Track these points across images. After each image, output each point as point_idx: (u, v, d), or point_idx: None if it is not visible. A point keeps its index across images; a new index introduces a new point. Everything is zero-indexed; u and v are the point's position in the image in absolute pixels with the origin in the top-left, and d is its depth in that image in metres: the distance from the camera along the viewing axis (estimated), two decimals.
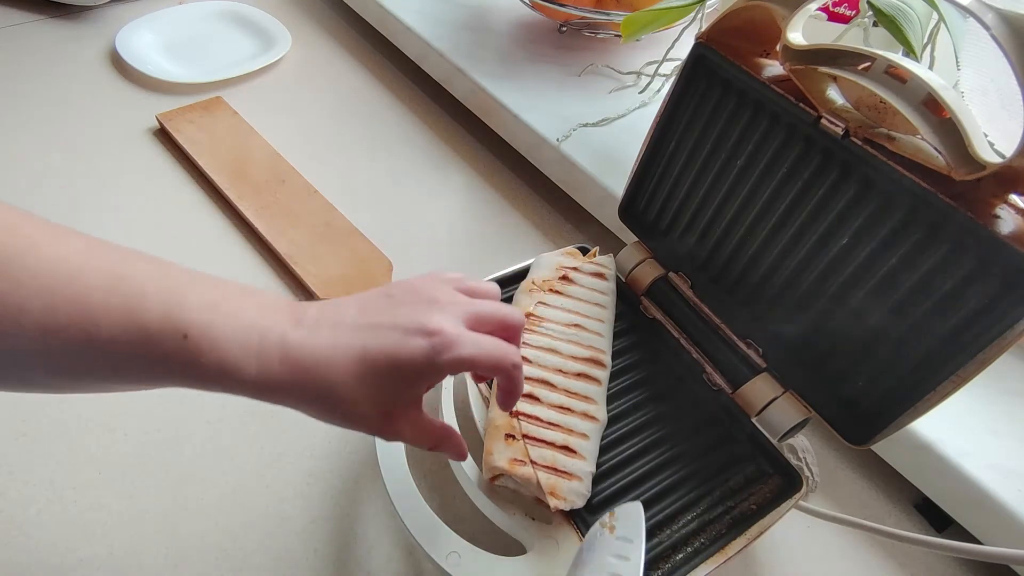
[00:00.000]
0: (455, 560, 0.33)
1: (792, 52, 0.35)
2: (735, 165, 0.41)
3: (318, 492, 0.42)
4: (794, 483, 0.38)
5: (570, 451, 0.36)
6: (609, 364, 0.42)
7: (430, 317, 0.27)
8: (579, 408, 0.38)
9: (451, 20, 0.75)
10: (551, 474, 0.35)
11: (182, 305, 0.24)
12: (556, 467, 0.35)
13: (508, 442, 0.36)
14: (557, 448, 0.36)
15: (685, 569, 0.34)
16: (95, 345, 0.23)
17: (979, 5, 0.29)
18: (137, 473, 0.42)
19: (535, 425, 0.37)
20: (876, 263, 0.34)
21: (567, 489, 0.35)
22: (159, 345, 0.24)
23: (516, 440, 0.36)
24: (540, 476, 0.34)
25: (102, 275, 0.24)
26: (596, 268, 0.47)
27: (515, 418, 0.37)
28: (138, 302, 0.24)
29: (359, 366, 0.26)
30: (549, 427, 0.37)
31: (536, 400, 0.38)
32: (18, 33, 0.78)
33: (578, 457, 0.36)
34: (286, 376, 0.25)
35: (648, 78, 0.66)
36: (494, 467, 0.35)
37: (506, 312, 0.29)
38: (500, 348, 0.27)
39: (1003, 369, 0.45)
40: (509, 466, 0.35)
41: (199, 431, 0.44)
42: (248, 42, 0.81)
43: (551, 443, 0.36)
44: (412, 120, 0.74)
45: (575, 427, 0.37)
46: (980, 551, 0.32)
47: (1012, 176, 0.29)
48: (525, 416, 0.37)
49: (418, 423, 0.29)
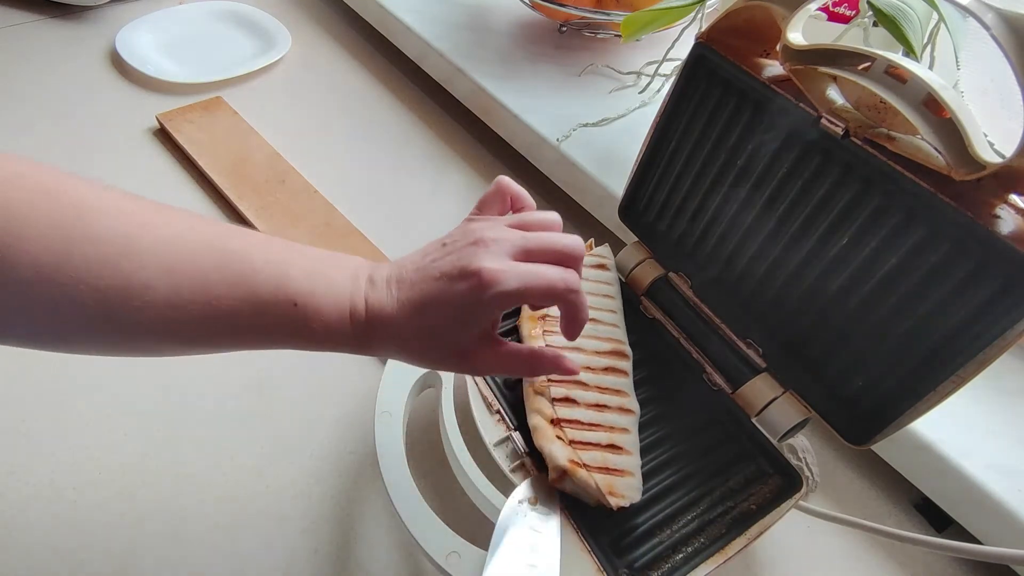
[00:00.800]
0: (455, 560, 0.33)
1: (792, 52, 0.35)
2: (735, 165, 0.41)
3: (318, 492, 0.42)
4: (794, 483, 0.38)
5: (616, 448, 0.37)
6: (630, 353, 0.42)
7: (471, 259, 0.28)
8: (614, 403, 0.39)
9: (451, 20, 0.75)
10: (605, 474, 0.35)
11: (288, 276, 0.27)
12: (608, 467, 0.35)
13: (559, 444, 0.36)
14: (603, 448, 0.36)
15: (685, 569, 0.34)
16: (217, 316, 0.26)
17: (979, 5, 0.29)
18: (137, 473, 0.42)
19: (578, 429, 0.37)
20: (876, 263, 0.34)
21: (624, 486, 0.35)
22: (273, 313, 0.27)
23: (566, 444, 0.36)
24: (596, 479, 0.34)
25: (214, 252, 0.26)
26: (596, 260, 0.47)
27: (557, 426, 0.37)
28: (252, 276, 0.26)
29: (418, 319, 0.28)
30: (591, 428, 0.37)
31: (573, 403, 0.38)
32: (18, 33, 0.78)
33: (624, 453, 0.37)
34: (371, 333, 0.28)
35: (648, 78, 0.66)
36: (558, 466, 0.35)
37: (560, 241, 0.29)
38: (550, 276, 0.28)
39: (1003, 369, 0.45)
40: (570, 466, 0.35)
41: (199, 431, 0.45)
42: (248, 42, 0.81)
43: (597, 444, 0.36)
44: (412, 120, 0.75)
45: (615, 423, 0.38)
46: (980, 551, 0.32)
47: (1012, 176, 0.29)
48: (567, 421, 0.37)
49: (500, 354, 0.30)
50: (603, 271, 0.47)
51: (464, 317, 0.28)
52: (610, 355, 0.41)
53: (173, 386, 0.47)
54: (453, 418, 0.39)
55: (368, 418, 0.38)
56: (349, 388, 0.48)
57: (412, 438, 0.38)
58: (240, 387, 0.47)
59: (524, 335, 0.42)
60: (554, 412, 0.37)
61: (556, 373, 0.31)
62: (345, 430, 0.46)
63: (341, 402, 0.47)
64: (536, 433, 0.37)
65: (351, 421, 0.46)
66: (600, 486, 0.34)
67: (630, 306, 0.47)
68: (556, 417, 0.37)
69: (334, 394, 0.48)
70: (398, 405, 0.39)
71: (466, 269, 0.27)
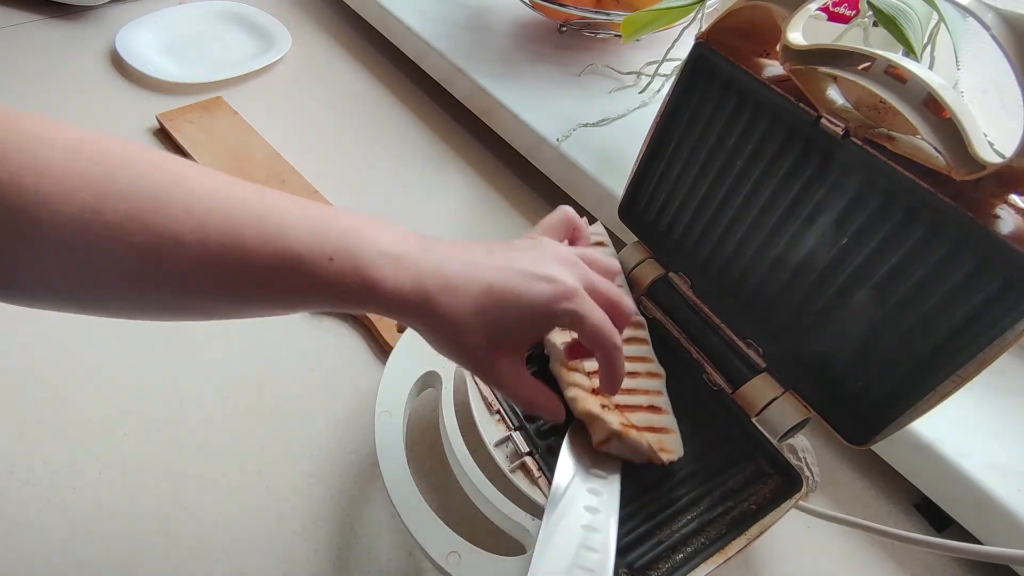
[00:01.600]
0: (455, 560, 0.33)
1: (792, 52, 0.35)
2: (735, 165, 0.41)
3: (318, 492, 0.42)
4: (794, 483, 0.38)
5: (655, 408, 0.39)
6: (645, 322, 0.44)
7: (554, 268, 0.29)
8: (643, 369, 0.41)
9: (451, 20, 0.75)
10: (653, 433, 0.37)
11: (326, 232, 0.26)
12: (654, 426, 0.37)
13: (606, 411, 0.37)
14: (645, 409, 0.38)
15: (685, 569, 0.34)
16: (251, 271, 0.25)
17: (979, 5, 0.29)
18: (137, 473, 0.42)
19: (627, 395, 0.39)
20: (876, 263, 0.34)
21: (670, 442, 0.37)
22: (308, 268, 0.26)
23: (611, 409, 0.37)
24: (647, 438, 0.36)
25: (249, 207, 0.25)
26: (595, 238, 0.48)
27: (598, 394, 0.37)
28: (287, 231, 0.26)
29: (483, 297, 0.28)
30: (630, 393, 0.39)
31: None
32: (18, 33, 0.78)
33: (663, 412, 0.39)
34: (416, 297, 0.27)
35: (648, 78, 0.66)
36: (610, 430, 0.36)
37: (619, 294, 0.31)
38: (608, 322, 0.30)
39: (1003, 369, 0.45)
40: (623, 429, 0.36)
41: (199, 431, 0.45)
42: (248, 42, 0.81)
43: (639, 406, 0.38)
44: (412, 120, 0.74)
45: (649, 387, 0.40)
46: (980, 551, 0.32)
47: (1012, 176, 0.29)
48: None
49: (519, 371, 0.30)
50: (603, 247, 0.48)
51: (528, 315, 0.28)
52: (630, 326, 0.42)
53: (173, 386, 0.47)
54: (453, 418, 0.39)
55: (368, 418, 0.38)
56: (349, 388, 0.48)
57: (412, 438, 0.38)
58: (240, 387, 0.47)
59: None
60: (591, 382, 0.38)
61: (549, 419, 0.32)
62: (345, 430, 0.46)
63: (341, 402, 0.47)
64: (577, 404, 0.37)
65: (351, 421, 0.46)
66: (651, 444, 0.36)
67: None
68: (595, 387, 0.38)
69: (334, 394, 0.48)
70: (398, 405, 0.39)
71: (549, 275, 0.28)
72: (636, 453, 0.36)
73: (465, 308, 0.28)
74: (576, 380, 0.38)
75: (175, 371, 0.48)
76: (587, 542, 0.32)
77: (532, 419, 0.40)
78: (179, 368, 0.48)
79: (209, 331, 0.50)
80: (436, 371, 0.41)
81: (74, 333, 0.49)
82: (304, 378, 0.49)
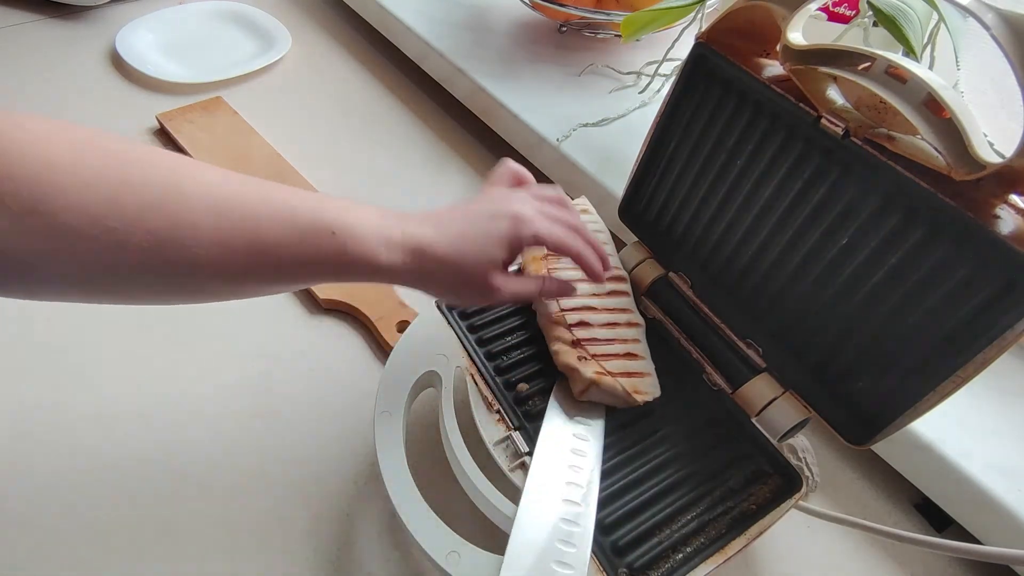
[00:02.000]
0: (455, 560, 0.33)
1: (792, 52, 0.35)
2: (735, 165, 0.41)
3: (318, 492, 0.42)
4: (794, 483, 0.38)
5: (632, 355, 0.42)
6: (627, 275, 0.47)
7: (511, 205, 0.35)
8: (623, 319, 0.44)
9: (451, 20, 0.76)
10: (628, 378, 0.40)
11: (324, 210, 0.31)
12: (629, 371, 0.40)
13: (583, 362, 0.40)
14: (622, 356, 0.41)
15: (685, 569, 0.34)
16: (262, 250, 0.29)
17: (979, 5, 0.29)
18: (137, 474, 0.42)
19: (597, 345, 0.41)
20: (876, 263, 0.34)
21: (645, 385, 0.40)
22: (313, 242, 0.30)
23: (588, 359, 0.40)
24: (622, 382, 0.39)
25: (254, 193, 0.29)
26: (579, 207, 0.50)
27: (578, 347, 0.41)
28: (291, 212, 0.29)
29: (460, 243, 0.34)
30: (608, 343, 0.42)
31: (588, 325, 0.42)
32: (18, 33, 0.78)
33: (640, 358, 0.42)
34: (409, 260, 0.33)
35: (648, 78, 0.66)
36: (587, 379, 0.39)
37: (569, 216, 0.38)
38: (565, 231, 0.37)
39: (1003, 369, 0.45)
40: (597, 377, 0.39)
41: (200, 432, 0.45)
42: (248, 42, 0.81)
43: (616, 354, 0.41)
44: (412, 120, 0.75)
45: (627, 335, 0.43)
46: (980, 551, 0.32)
47: (1012, 176, 0.29)
48: (586, 340, 0.41)
49: (507, 278, 0.36)
50: (586, 215, 0.49)
51: (499, 248, 0.34)
52: (611, 280, 0.45)
53: (173, 386, 0.47)
54: (453, 418, 0.39)
55: (368, 418, 0.38)
56: (349, 388, 0.48)
57: (412, 438, 0.38)
58: (240, 387, 0.47)
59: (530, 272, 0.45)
60: (573, 335, 0.41)
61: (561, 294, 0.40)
62: (345, 430, 0.46)
63: (341, 402, 0.47)
64: (559, 356, 0.41)
65: (351, 421, 0.46)
66: (626, 387, 0.39)
67: None
68: (576, 339, 0.41)
69: (334, 394, 0.48)
70: (398, 405, 0.39)
71: (508, 211, 0.35)
72: (614, 397, 0.39)
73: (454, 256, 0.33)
74: (559, 335, 0.41)
75: (175, 371, 0.48)
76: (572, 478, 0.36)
77: (532, 419, 0.40)
78: (179, 368, 0.48)
79: (209, 331, 0.50)
80: (436, 371, 0.41)
81: (73, 333, 0.49)
82: (304, 377, 0.49)
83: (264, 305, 0.53)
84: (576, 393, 0.40)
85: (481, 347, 0.43)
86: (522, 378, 0.42)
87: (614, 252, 0.48)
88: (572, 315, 0.42)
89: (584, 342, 0.41)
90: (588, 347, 0.41)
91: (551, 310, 0.42)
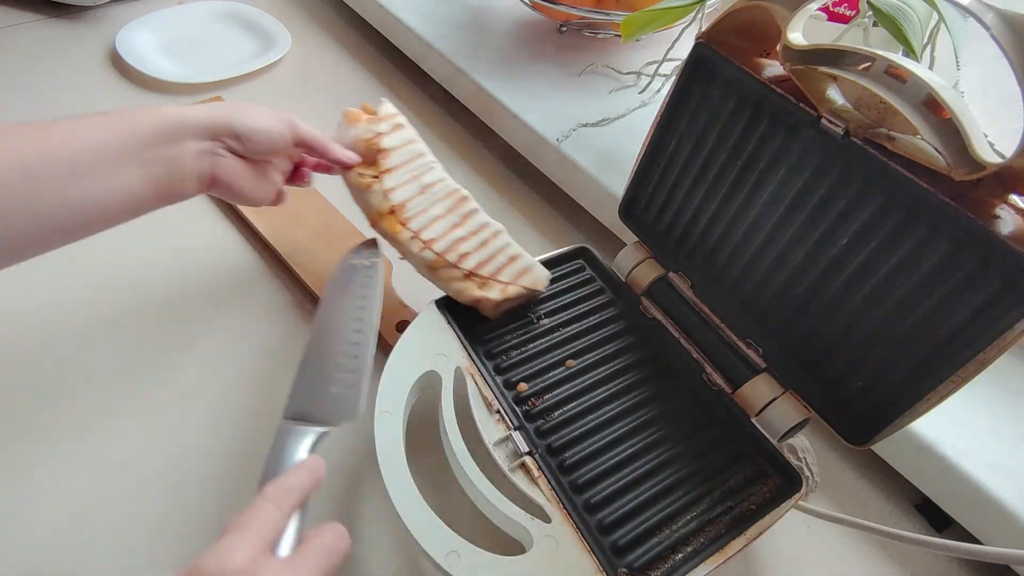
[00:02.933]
0: (455, 560, 0.33)
1: (792, 52, 0.35)
2: (735, 165, 0.41)
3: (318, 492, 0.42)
4: (794, 483, 0.38)
5: (514, 258, 0.46)
6: (468, 193, 0.49)
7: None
8: (487, 233, 0.47)
9: (451, 20, 0.76)
10: (522, 276, 0.45)
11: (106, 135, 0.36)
12: (521, 271, 0.45)
13: (484, 287, 0.44)
14: (508, 263, 0.45)
15: (685, 569, 0.34)
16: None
17: (979, 5, 0.29)
18: (137, 473, 0.42)
19: (485, 266, 0.45)
20: (876, 263, 0.35)
21: (537, 274, 0.46)
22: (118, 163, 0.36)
23: (487, 282, 0.44)
24: (521, 282, 0.45)
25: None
26: (391, 123, 0.49)
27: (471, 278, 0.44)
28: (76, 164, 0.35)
29: None
30: (491, 259, 0.45)
31: (467, 254, 0.45)
32: (18, 33, 0.78)
33: (520, 256, 0.46)
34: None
35: (648, 78, 0.66)
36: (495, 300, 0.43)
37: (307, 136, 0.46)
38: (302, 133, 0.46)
39: (1003, 369, 0.45)
40: (503, 294, 0.44)
41: (199, 431, 0.44)
42: (248, 42, 0.81)
43: (503, 265, 0.45)
44: (412, 120, 0.74)
45: (499, 244, 0.46)
46: (980, 551, 0.32)
47: (1012, 176, 0.29)
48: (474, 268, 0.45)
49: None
50: (404, 131, 0.50)
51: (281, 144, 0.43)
52: (459, 202, 0.48)
53: (173, 386, 0.47)
54: (453, 418, 0.39)
55: (368, 418, 0.38)
56: None
57: (412, 438, 0.38)
58: (240, 387, 0.47)
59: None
60: (462, 269, 0.44)
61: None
62: (345, 430, 0.46)
63: None
64: (463, 294, 0.44)
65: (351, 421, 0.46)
66: (527, 287, 0.45)
67: (630, 306, 0.47)
68: (467, 271, 0.44)
69: None
70: (398, 405, 0.39)
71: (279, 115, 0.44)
72: (522, 300, 0.45)
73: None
74: (451, 275, 0.44)
75: (174, 371, 0.48)
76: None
77: (532, 419, 0.40)
78: (178, 368, 0.48)
79: (209, 331, 0.50)
80: (436, 371, 0.41)
81: (72, 333, 0.49)
82: None
83: (264, 305, 0.53)
84: (492, 315, 0.44)
85: (481, 347, 0.43)
86: (522, 378, 0.42)
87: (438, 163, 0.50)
88: (451, 254, 0.45)
89: (474, 275, 0.44)
90: (480, 271, 0.44)
91: (429, 259, 0.44)
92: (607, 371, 0.43)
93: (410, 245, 0.45)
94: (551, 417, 0.40)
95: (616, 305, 0.47)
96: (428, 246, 0.44)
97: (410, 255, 0.45)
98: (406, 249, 0.45)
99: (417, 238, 0.45)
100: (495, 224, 0.47)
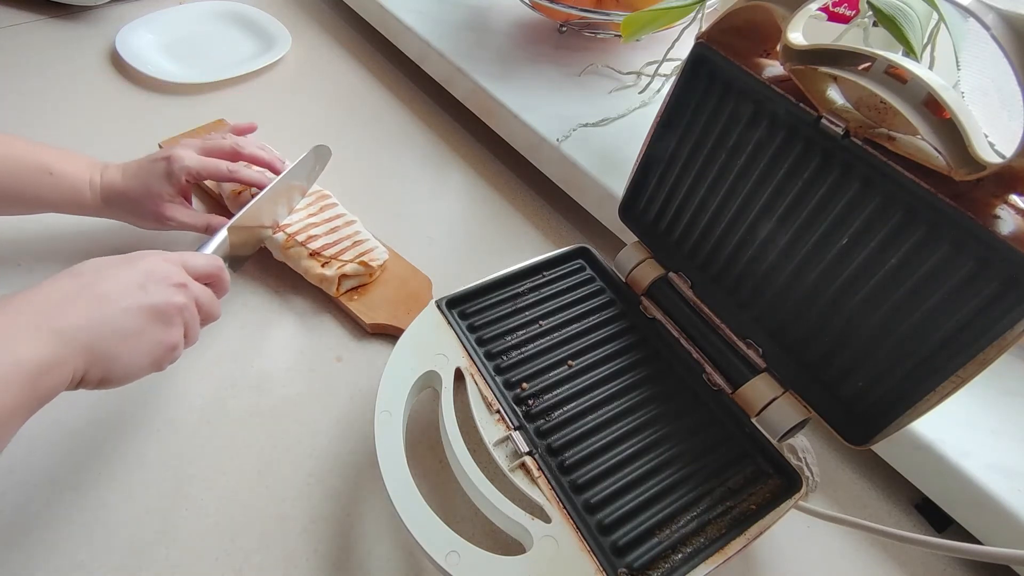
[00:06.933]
0: (455, 560, 0.33)
1: (792, 52, 0.35)
2: (735, 165, 0.41)
3: (318, 492, 0.42)
4: (794, 483, 0.38)
5: (359, 241, 0.54)
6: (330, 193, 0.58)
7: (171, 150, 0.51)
8: (340, 222, 0.55)
9: (451, 20, 0.76)
10: (362, 255, 0.52)
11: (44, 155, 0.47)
12: (361, 252, 0.53)
13: (326, 266, 0.52)
14: (352, 246, 0.53)
15: (685, 569, 0.34)
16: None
17: (979, 5, 0.29)
18: (137, 473, 0.42)
19: (330, 248, 0.52)
20: (876, 263, 0.35)
21: (375, 253, 0.53)
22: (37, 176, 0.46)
23: (330, 261, 0.52)
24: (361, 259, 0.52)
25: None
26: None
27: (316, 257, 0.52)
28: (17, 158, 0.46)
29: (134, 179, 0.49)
30: (336, 243, 0.53)
31: (316, 236, 0.53)
32: (18, 33, 0.78)
33: (364, 239, 0.54)
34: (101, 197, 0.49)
35: (648, 78, 0.66)
36: (334, 276, 0.51)
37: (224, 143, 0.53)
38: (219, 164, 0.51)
39: (1003, 369, 0.45)
40: (340, 271, 0.51)
41: (199, 431, 0.45)
42: (248, 42, 0.81)
43: (346, 246, 0.53)
44: (412, 120, 0.75)
45: (348, 232, 0.54)
46: (980, 551, 0.32)
47: (1012, 176, 0.29)
48: (318, 249, 0.52)
49: (184, 211, 0.50)
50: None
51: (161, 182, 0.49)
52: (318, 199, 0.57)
53: (173, 386, 0.47)
54: (453, 418, 0.39)
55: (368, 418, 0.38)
56: (349, 388, 0.48)
57: (412, 438, 0.38)
58: (240, 387, 0.47)
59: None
60: (308, 249, 0.52)
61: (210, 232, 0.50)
62: (345, 430, 0.46)
63: (341, 402, 0.47)
64: (309, 273, 0.52)
65: (351, 421, 0.46)
66: (362, 262, 0.52)
67: (630, 306, 0.47)
68: (312, 251, 0.52)
69: (334, 394, 0.48)
70: (398, 405, 0.39)
71: (165, 154, 0.49)
72: (360, 275, 0.52)
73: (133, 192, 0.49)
74: (298, 254, 0.52)
75: (174, 371, 0.48)
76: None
77: (532, 419, 0.40)
78: (178, 368, 0.48)
79: (209, 331, 0.50)
80: (436, 371, 0.41)
81: None
82: (304, 378, 0.49)
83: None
84: (336, 295, 0.52)
85: (481, 347, 0.43)
86: (522, 378, 0.42)
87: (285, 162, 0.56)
88: (300, 235, 0.52)
89: (318, 251, 0.52)
90: (324, 252, 0.52)
91: (280, 241, 0.52)
92: (607, 371, 0.43)
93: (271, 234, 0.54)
94: (551, 417, 0.40)
95: (616, 305, 0.47)
96: (282, 229, 0.53)
97: (269, 241, 0.53)
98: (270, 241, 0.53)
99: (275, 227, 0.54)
100: (350, 216, 0.56)
